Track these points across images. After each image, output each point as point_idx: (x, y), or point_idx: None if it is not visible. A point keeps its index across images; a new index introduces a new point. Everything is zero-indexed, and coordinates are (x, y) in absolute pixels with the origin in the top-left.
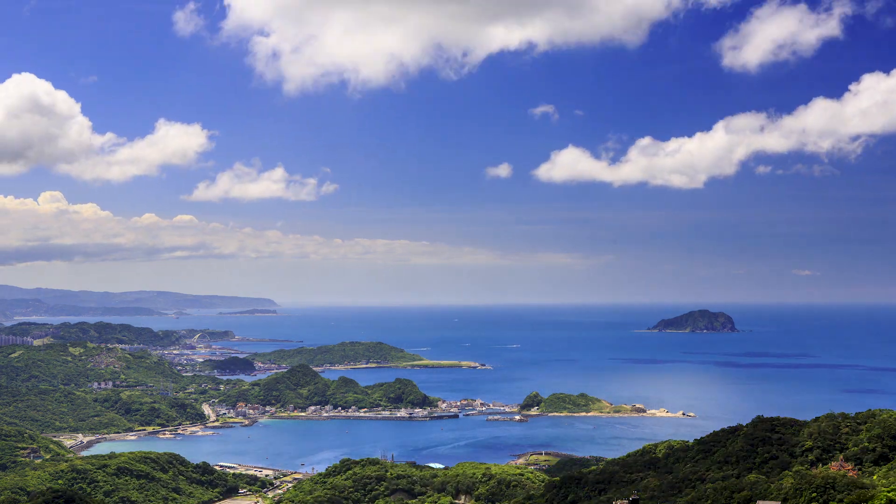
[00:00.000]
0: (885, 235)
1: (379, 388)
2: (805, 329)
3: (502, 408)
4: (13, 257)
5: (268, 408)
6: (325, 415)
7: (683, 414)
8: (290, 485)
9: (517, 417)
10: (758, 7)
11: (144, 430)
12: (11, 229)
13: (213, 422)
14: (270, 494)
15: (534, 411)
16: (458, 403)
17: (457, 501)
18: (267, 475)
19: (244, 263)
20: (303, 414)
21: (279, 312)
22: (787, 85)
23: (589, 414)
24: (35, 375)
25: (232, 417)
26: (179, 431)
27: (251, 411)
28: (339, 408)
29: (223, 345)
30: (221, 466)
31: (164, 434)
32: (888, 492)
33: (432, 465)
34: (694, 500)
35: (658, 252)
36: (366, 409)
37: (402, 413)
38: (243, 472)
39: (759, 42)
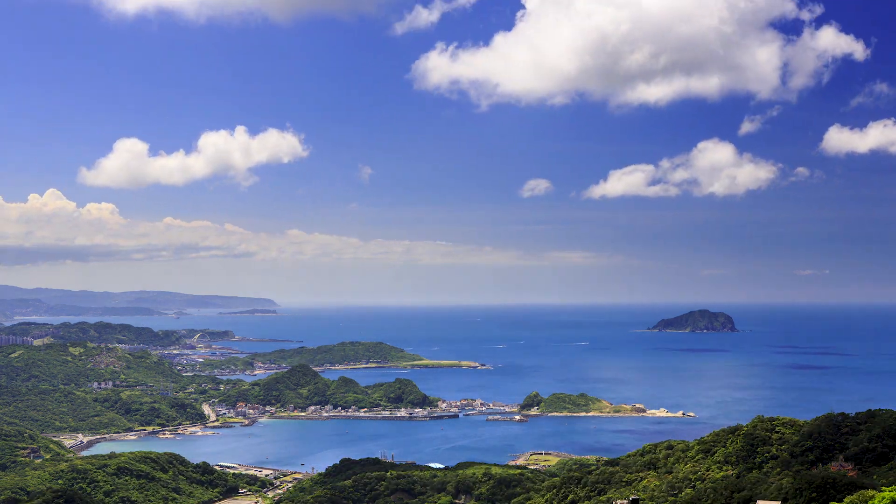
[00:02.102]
0: (888, 235)
1: (379, 388)
2: (806, 328)
3: (502, 408)
4: (41, 256)
5: (268, 408)
6: (325, 415)
7: (683, 414)
8: (290, 485)
9: (517, 417)
10: None
11: (144, 430)
12: (42, 228)
13: (213, 422)
14: (270, 494)
15: (534, 411)
16: (458, 403)
17: (457, 501)
18: (267, 475)
19: (260, 264)
20: (303, 414)
21: (279, 312)
22: None
23: (589, 414)
24: (35, 375)
25: (232, 417)
26: (179, 431)
27: (251, 411)
28: (339, 408)
29: (223, 345)
30: (221, 466)
31: (164, 434)
32: (888, 492)
33: (432, 465)
34: (694, 500)
35: (662, 252)
36: (366, 409)
37: (402, 413)
38: (243, 472)
39: None
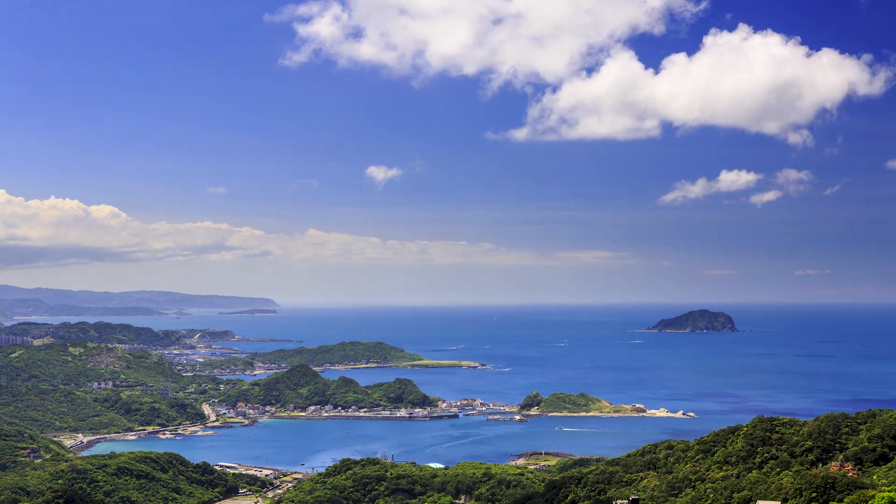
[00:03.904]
0: (889, 235)
1: (379, 388)
2: (807, 328)
3: (502, 408)
4: (61, 256)
5: (268, 408)
6: (325, 415)
7: (683, 414)
8: (290, 485)
9: (517, 417)
10: None
11: (144, 430)
12: (63, 229)
13: (213, 422)
14: (270, 494)
15: (534, 411)
16: (458, 403)
17: (457, 501)
18: (267, 475)
19: (272, 264)
20: (303, 414)
21: (279, 312)
22: None
23: (589, 414)
24: (35, 375)
25: (232, 417)
26: (179, 431)
27: (251, 411)
28: (339, 408)
29: (223, 345)
30: (221, 466)
31: (164, 434)
32: (888, 492)
33: (432, 465)
34: (694, 500)
35: (665, 253)
36: (366, 409)
37: (402, 413)
38: (243, 472)
39: None
